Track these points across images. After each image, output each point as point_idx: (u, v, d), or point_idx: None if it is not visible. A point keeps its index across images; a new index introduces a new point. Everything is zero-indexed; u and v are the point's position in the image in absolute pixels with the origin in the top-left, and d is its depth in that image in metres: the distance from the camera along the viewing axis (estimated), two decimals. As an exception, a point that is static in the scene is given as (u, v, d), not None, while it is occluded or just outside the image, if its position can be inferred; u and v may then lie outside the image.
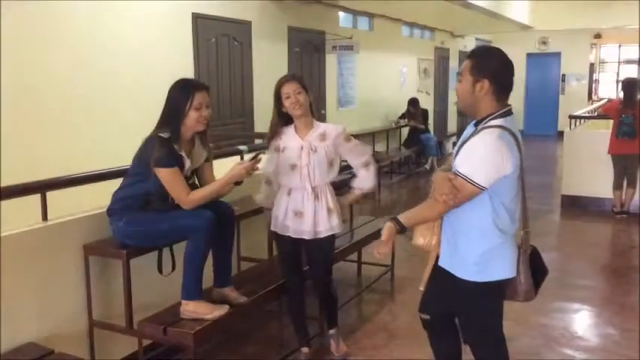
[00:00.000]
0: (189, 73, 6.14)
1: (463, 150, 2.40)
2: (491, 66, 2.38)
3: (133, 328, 3.04)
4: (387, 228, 2.44)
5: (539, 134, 16.17)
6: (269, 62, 7.38)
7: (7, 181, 3.06)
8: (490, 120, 2.36)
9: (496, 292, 2.50)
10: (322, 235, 3.30)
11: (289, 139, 3.28)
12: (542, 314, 4.32)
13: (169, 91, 3.00)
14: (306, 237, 3.29)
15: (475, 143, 2.35)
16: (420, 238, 2.57)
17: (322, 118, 8.86)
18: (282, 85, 3.22)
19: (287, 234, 3.33)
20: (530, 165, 12.64)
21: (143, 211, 2.96)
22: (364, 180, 3.43)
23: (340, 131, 3.31)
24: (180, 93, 2.97)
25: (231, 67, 6.97)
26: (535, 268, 2.51)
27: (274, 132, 3.31)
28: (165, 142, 2.87)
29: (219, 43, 6.76)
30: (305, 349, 3.55)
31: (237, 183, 3.03)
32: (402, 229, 2.45)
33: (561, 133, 8.69)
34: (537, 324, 4.16)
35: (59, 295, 2.99)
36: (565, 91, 16.53)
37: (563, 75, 16.59)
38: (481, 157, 2.32)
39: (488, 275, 2.43)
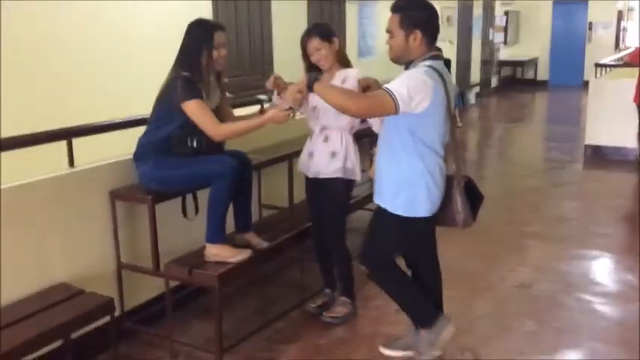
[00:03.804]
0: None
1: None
2: (420, 17, 2.57)
3: (160, 270, 3.14)
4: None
5: (565, 84, 15.84)
6: (289, 13, 7.26)
7: (34, 128, 3.12)
8: (420, 62, 2.58)
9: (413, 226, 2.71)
10: (323, 176, 3.34)
11: None
12: (561, 261, 4.36)
13: (187, 30, 3.04)
14: (320, 176, 3.35)
15: (403, 74, 2.59)
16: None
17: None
18: (305, 43, 3.26)
19: (307, 174, 3.44)
20: (554, 115, 12.39)
21: (168, 156, 3.01)
22: None
23: (357, 73, 3.30)
24: (199, 32, 3.02)
25: (249, 20, 6.88)
26: (471, 196, 2.72)
27: None
28: (189, 79, 2.93)
29: (239, -6, 6.66)
30: (328, 291, 3.62)
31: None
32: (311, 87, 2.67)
33: (587, 83, 8.50)
34: (556, 270, 4.20)
35: (88, 238, 3.09)
36: (592, 40, 16.09)
37: (590, 23, 16.10)
38: (405, 81, 2.50)
39: (410, 210, 2.67)
